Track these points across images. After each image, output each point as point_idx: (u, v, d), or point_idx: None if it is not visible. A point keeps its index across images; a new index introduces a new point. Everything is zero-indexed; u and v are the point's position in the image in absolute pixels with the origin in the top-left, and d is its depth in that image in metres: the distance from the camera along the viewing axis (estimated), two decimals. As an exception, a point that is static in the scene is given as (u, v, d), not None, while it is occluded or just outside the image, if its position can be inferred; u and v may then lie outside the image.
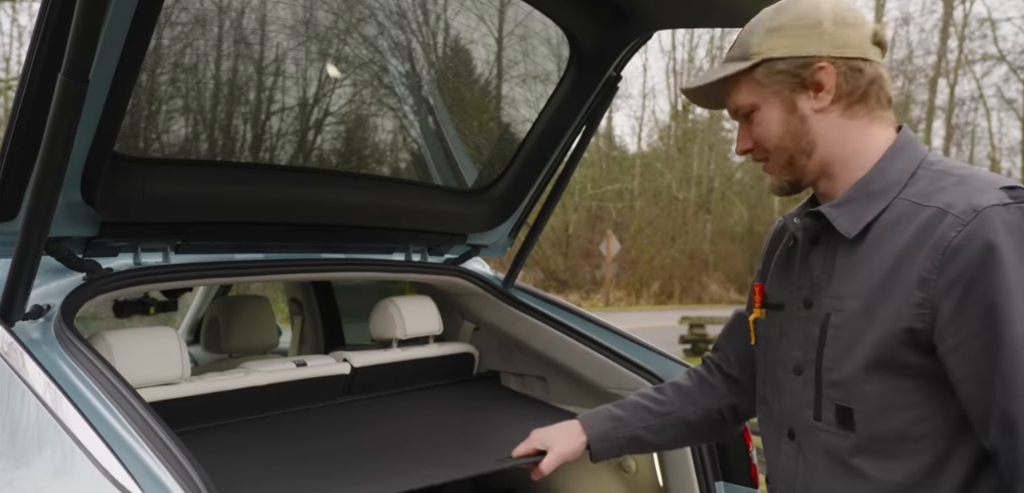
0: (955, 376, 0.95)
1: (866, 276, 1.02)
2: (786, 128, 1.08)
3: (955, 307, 0.93)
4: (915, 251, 0.97)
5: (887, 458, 1.00)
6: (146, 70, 1.45)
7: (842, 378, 1.03)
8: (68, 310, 1.33)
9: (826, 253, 1.10)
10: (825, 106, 1.06)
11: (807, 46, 1.05)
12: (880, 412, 1.00)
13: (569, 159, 2.09)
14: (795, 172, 1.11)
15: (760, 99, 1.09)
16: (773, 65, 1.06)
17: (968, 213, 0.93)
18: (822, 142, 1.07)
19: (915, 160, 1.05)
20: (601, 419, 1.41)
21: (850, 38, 1.05)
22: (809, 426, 1.09)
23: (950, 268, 0.93)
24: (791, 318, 1.14)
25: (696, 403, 1.38)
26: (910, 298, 0.96)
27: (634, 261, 21.59)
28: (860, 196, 1.05)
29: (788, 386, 1.13)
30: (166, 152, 1.60)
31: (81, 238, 1.48)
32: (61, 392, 1.10)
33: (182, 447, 1.02)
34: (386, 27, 1.78)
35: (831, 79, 1.05)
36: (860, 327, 1.02)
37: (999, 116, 24.33)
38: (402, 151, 2.12)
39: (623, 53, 1.87)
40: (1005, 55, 20.48)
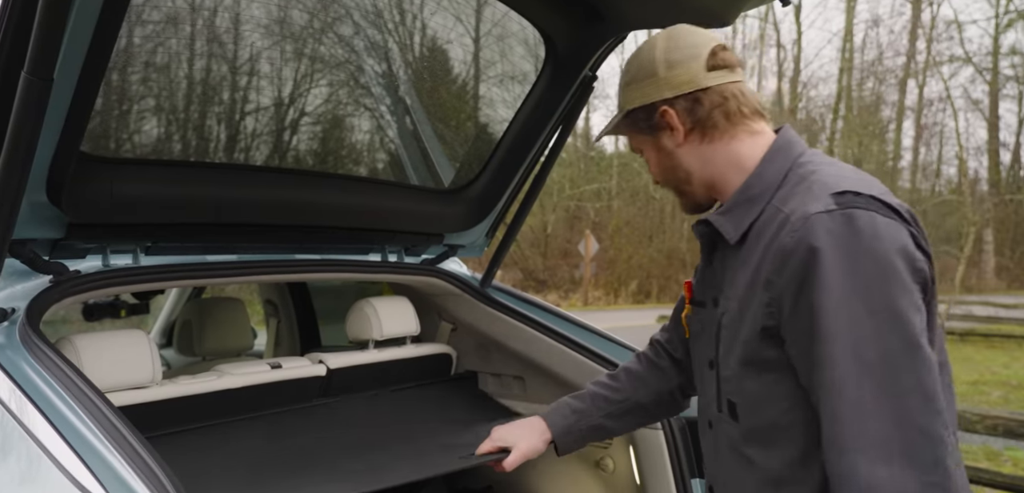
0: (797, 369, 1.02)
1: (741, 278, 1.10)
2: (661, 165, 1.20)
3: (790, 307, 1.00)
4: (767, 254, 1.04)
5: (766, 446, 1.08)
6: (116, 69, 1.42)
7: (729, 374, 1.13)
8: (33, 313, 1.30)
9: (722, 256, 1.18)
10: (681, 141, 1.16)
11: (650, 94, 1.16)
12: (755, 404, 1.08)
13: (546, 159, 2.10)
14: (689, 197, 1.21)
15: (638, 143, 1.22)
16: (633, 115, 1.18)
17: (799, 220, 1.00)
18: (694, 169, 1.17)
19: (788, 161, 1.11)
20: (563, 414, 1.47)
21: (680, 77, 1.14)
22: (717, 417, 1.18)
23: (785, 270, 1.00)
24: (706, 316, 1.23)
25: (649, 387, 1.46)
26: (762, 298, 1.04)
27: (612, 261, 21.72)
28: (742, 201, 1.13)
29: (704, 378, 1.23)
30: (137, 152, 1.58)
31: (47, 240, 1.44)
32: (26, 398, 1.08)
33: (152, 451, 1.00)
34: (362, 27, 1.77)
35: (674, 118, 1.15)
36: (737, 327, 1.10)
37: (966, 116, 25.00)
38: (379, 151, 2.11)
39: (598, 53, 1.89)
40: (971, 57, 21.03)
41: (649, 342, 1.51)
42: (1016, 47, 21.73)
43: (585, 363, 1.98)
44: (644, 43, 1.21)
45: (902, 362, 0.93)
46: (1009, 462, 5.14)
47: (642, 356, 1.50)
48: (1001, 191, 21.17)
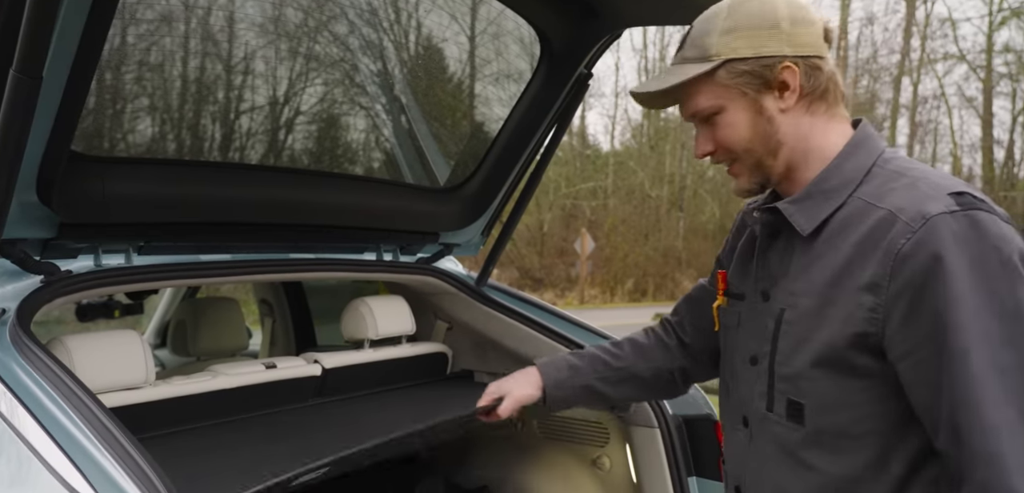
0: (906, 380, 0.96)
1: (819, 274, 1.03)
2: (755, 130, 1.07)
3: (904, 315, 0.94)
4: (866, 253, 0.98)
5: (832, 451, 1.02)
6: (109, 67, 1.41)
7: (792, 373, 1.05)
8: (24, 314, 1.29)
9: (784, 248, 1.11)
10: (790, 106, 1.06)
11: (768, 46, 1.04)
12: (827, 408, 1.02)
13: (541, 157, 2.09)
14: (763, 173, 1.10)
15: (725, 101, 1.07)
16: (735, 66, 1.05)
17: (917, 220, 0.94)
18: (788, 142, 1.07)
19: (871, 157, 1.06)
20: (558, 367, 1.43)
21: (807, 36, 1.05)
22: (762, 416, 1.11)
23: (901, 275, 0.94)
24: (750, 309, 1.16)
25: (650, 361, 1.41)
26: (862, 302, 0.97)
27: (608, 259, 21.73)
28: (817, 193, 1.06)
29: (743, 375, 1.16)
30: (130, 151, 1.56)
31: (38, 240, 1.43)
32: (16, 399, 1.07)
33: (144, 453, 0.99)
34: (357, 25, 1.76)
35: (796, 78, 1.04)
36: (811, 324, 1.03)
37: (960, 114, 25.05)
38: (374, 150, 2.10)
39: (593, 51, 1.88)
40: (965, 54, 21.10)
41: (660, 321, 1.45)
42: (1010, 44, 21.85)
43: (581, 362, 1.97)
44: None
45: None
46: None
47: (649, 331, 1.45)
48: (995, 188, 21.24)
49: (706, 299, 1.34)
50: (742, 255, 1.22)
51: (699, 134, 1.13)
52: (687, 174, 23.74)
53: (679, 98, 1.12)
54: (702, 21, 1.09)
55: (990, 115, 21.19)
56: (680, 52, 1.10)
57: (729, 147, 1.09)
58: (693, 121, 1.13)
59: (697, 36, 1.08)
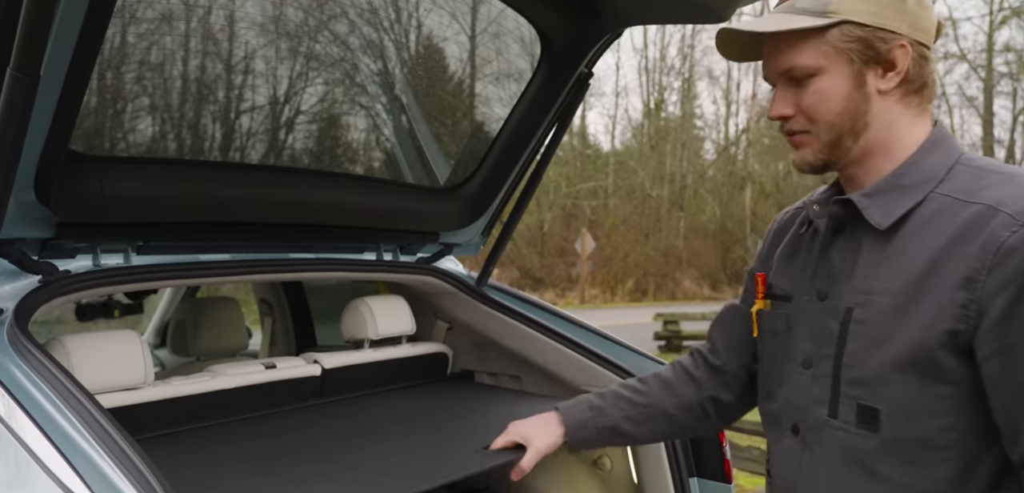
0: (992, 380, 0.92)
1: (898, 272, 0.97)
2: (847, 104, 0.99)
3: (1004, 310, 0.89)
4: (958, 248, 0.92)
5: (910, 463, 0.96)
6: (108, 67, 1.40)
7: (867, 377, 0.98)
8: (22, 314, 1.28)
9: (849, 245, 1.04)
10: (890, 88, 0.99)
11: (890, 18, 0.97)
12: (908, 416, 0.96)
13: (542, 156, 2.09)
14: (837, 152, 1.02)
15: (828, 64, 0.98)
16: (852, 29, 0.96)
17: (1023, 214, 0.89)
18: (875, 125, 1.00)
19: (952, 156, 1.00)
20: (580, 409, 1.36)
21: (926, 21, 0.99)
22: (821, 423, 1.04)
23: (1002, 269, 0.89)
24: (801, 310, 1.09)
25: (677, 395, 1.32)
26: (953, 298, 0.92)
27: (609, 259, 21.73)
28: (892, 188, 1.00)
29: (794, 380, 1.09)
30: (129, 151, 1.56)
31: (36, 239, 1.42)
32: (14, 400, 1.06)
33: (142, 454, 0.98)
34: (357, 25, 1.75)
35: (905, 60, 0.98)
36: (890, 325, 0.96)
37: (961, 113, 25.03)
38: (374, 149, 2.09)
39: (594, 50, 1.87)
40: (966, 54, 21.08)
41: (689, 352, 1.36)
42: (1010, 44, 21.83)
43: (581, 361, 1.97)
44: None
45: None
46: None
47: (677, 364, 1.36)
48: (996, 188, 21.27)
49: (738, 317, 1.28)
50: (788, 254, 1.15)
51: (780, 94, 1.04)
52: (688, 174, 23.74)
53: (773, 50, 1.02)
54: None
55: (991, 115, 21.19)
56: (789, 1, 1.01)
57: (814, 115, 1.01)
58: (778, 80, 1.04)
59: None
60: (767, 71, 1.05)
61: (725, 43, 1.06)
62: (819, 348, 1.05)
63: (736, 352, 1.28)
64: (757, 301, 1.17)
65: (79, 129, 1.33)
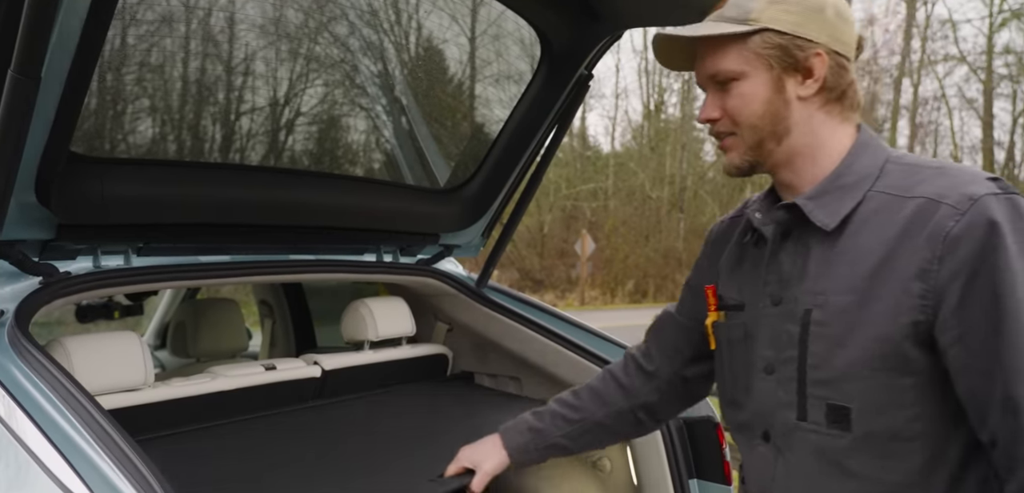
0: (956, 366, 0.94)
1: (851, 269, 1.00)
2: (768, 107, 1.04)
3: (959, 296, 0.92)
4: (907, 242, 0.96)
5: (882, 456, 0.98)
6: (109, 69, 1.40)
7: (833, 376, 1.00)
8: (23, 315, 1.28)
9: (797, 248, 1.07)
10: (809, 95, 1.04)
11: (808, 28, 1.02)
12: (878, 410, 0.98)
13: (542, 158, 2.09)
14: (760, 155, 1.07)
15: (749, 69, 1.03)
16: (771, 37, 1.02)
17: (964, 202, 0.93)
18: (796, 131, 1.05)
19: (881, 156, 1.05)
20: (520, 432, 1.42)
21: (845, 34, 1.04)
22: (791, 427, 1.05)
23: (952, 258, 0.92)
24: (756, 318, 1.11)
25: (609, 406, 1.38)
26: (910, 289, 0.95)
27: (609, 260, 21.72)
28: (833, 189, 1.04)
29: (759, 387, 1.10)
30: (130, 152, 1.56)
31: (37, 241, 1.43)
32: (14, 402, 1.06)
33: (143, 455, 0.98)
34: (357, 26, 1.76)
35: (823, 68, 1.03)
36: (851, 322, 0.99)
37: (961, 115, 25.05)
38: (374, 151, 2.09)
39: (594, 52, 1.88)
40: (965, 56, 21.08)
41: (623, 355, 1.42)
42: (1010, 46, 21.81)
43: (581, 363, 1.97)
44: None
45: None
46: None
47: (607, 372, 1.42)
48: (996, 190, 21.25)
49: (673, 325, 1.33)
50: (733, 264, 1.18)
51: (709, 98, 1.09)
52: (687, 175, 23.74)
53: (701, 56, 1.07)
54: None
55: (991, 117, 21.18)
56: (717, 9, 1.07)
57: (737, 118, 1.06)
58: (707, 84, 1.09)
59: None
60: (698, 76, 1.10)
61: (661, 50, 1.11)
62: (780, 352, 1.07)
63: (669, 359, 1.34)
64: (710, 313, 1.19)
65: (79, 131, 1.33)
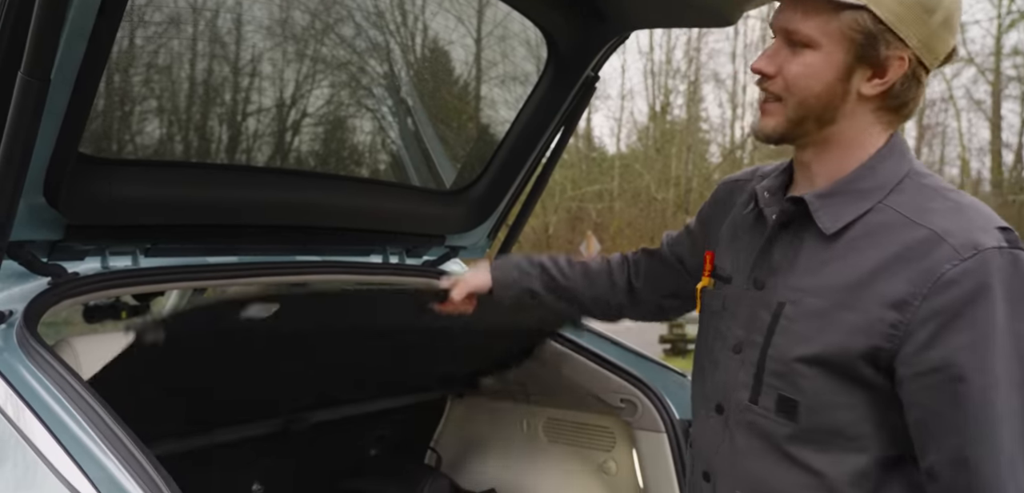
0: (908, 399, 0.94)
1: (834, 276, 0.99)
2: (827, 90, 0.97)
3: (930, 336, 0.91)
4: (899, 268, 0.94)
5: (823, 450, 1.00)
6: (117, 70, 1.41)
7: (787, 370, 1.01)
8: (31, 316, 1.29)
9: (792, 240, 1.05)
10: (869, 95, 0.97)
11: (907, 26, 0.93)
12: (824, 408, 0.99)
13: (548, 160, 2.09)
14: (798, 131, 1.01)
15: (825, 42, 0.95)
16: (866, 20, 0.93)
17: (967, 249, 0.91)
18: (842, 124, 0.99)
19: (904, 167, 1.01)
20: (508, 268, 1.48)
21: (941, 45, 0.96)
22: (743, 407, 1.06)
23: (937, 298, 0.91)
24: (737, 295, 1.11)
25: (593, 292, 1.45)
26: (884, 317, 0.93)
27: (614, 261, 21.72)
28: (847, 191, 1.00)
29: (724, 362, 1.10)
30: (137, 153, 1.57)
31: (45, 241, 1.43)
32: (23, 402, 1.06)
33: (150, 456, 0.99)
34: (364, 28, 1.76)
35: (898, 74, 0.95)
36: (817, 325, 0.99)
37: (969, 117, 24.90)
38: (380, 152, 2.10)
39: (601, 53, 1.87)
40: (973, 57, 20.96)
41: (622, 256, 1.47)
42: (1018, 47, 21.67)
43: (589, 367, 1.97)
44: None
45: None
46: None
47: (606, 262, 1.47)
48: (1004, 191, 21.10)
49: (661, 260, 1.39)
50: (732, 234, 1.16)
51: (772, 51, 1.01)
52: (693, 177, 23.69)
53: (789, 4, 0.99)
54: None
55: (999, 118, 21.06)
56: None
57: (791, 86, 0.98)
58: (778, 34, 1.01)
59: None
60: (775, 19, 1.01)
61: None
62: (750, 335, 1.07)
63: (653, 289, 1.41)
64: (703, 278, 1.20)
65: (87, 132, 1.34)
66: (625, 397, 1.93)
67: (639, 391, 1.91)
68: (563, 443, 2.14)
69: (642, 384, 1.91)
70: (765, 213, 1.09)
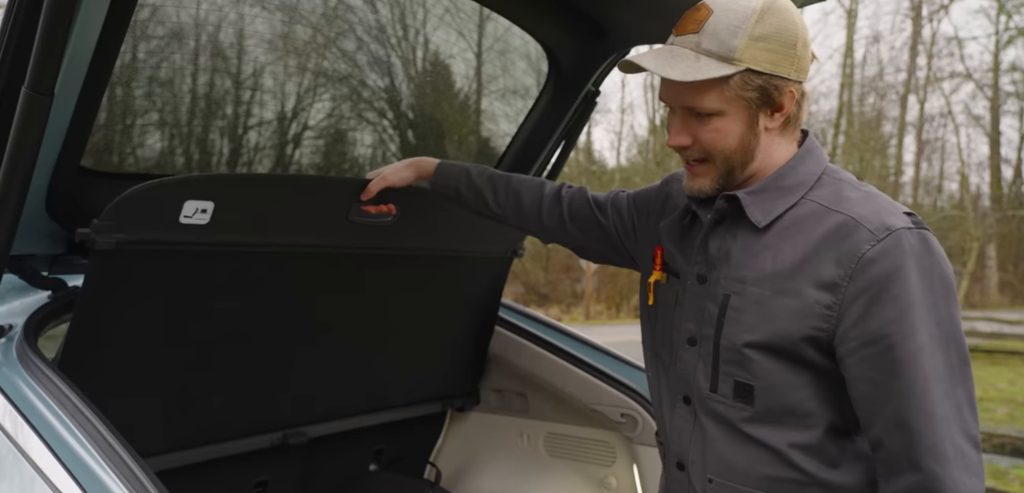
0: (851, 375, 1.02)
1: (770, 265, 1.07)
2: (742, 141, 1.08)
3: (860, 313, 1.00)
4: (825, 253, 1.03)
5: (777, 427, 1.08)
6: (121, 84, 1.41)
7: (741, 358, 1.08)
8: (31, 330, 1.29)
9: (726, 235, 1.13)
10: (776, 126, 1.09)
11: (784, 66, 1.06)
12: (776, 389, 1.07)
13: (549, 173, 2.09)
14: (729, 180, 1.11)
15: (728, 107, 1.06)
16: (752, 77, 1.05)
17: (882, 230, 1.00)
18: (759, 155, 1.10)
19: (820, 165, 1.11)
20: (450, 177, 1.51)
21: (807, 61, 1.08)
22: (705, 396, 1.13)
23: (861, 277, 1.00)
24: (686, 289, 1.17)
25: (520, 219, 1.48)
26: (819, 299, 1.02)
27: (614, 274, 21.66)
28: (773, 188, 1.10)
29: (682, 354, 1.17)
30: (140, 167, 1.57)
31: (47, 255, 1.43)
32: (21, 417, 1.06)
33: (148, 471, 0.98)
34: (365, 42, 1.77)
35: (791, 104, 1.08)
36: (761, 313, 1.06)
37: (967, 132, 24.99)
38: (381, 166, 2.10)
39: (601, 69, 1.88)
40: (972, 73, 21.04)
41: (558, 190, 1.45)
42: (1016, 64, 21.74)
43: (589, 380, 1.96)
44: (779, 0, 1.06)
45: (964, 373, 1.00)
46: (1016, 481, 5.09)
47: (538, 194, 1.46)
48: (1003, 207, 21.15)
49: (606, 226, 1.39)
50: (673, 233, 1.23)
51: (678, 123, 1.11)
52: (693, 190, 23.69)
53: (679, 85, 1.07)
54: (729, 13, 1.04)
55: (997, 133, 21.13)
56: (694, 36, 1.06)
57: (710, 150, 1.09)
58: (678, 109, 1.11)
59: (722, 29, 1.04)
60: (667, 97, 1.11)
61: (625, 65, 1.13)
62: (701, 328, 1.14)
63: (582, 232, 1.42)
64: (655, 271, 1.25)
65: (90, 145, 1.34)
66: (625, 412, 1.92)
67: (639, 406, 1.90)
68: (563, 458, 2.13)
69: (642, 399, 1.90)
70: (699, 214, 1.16)
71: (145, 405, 1.45)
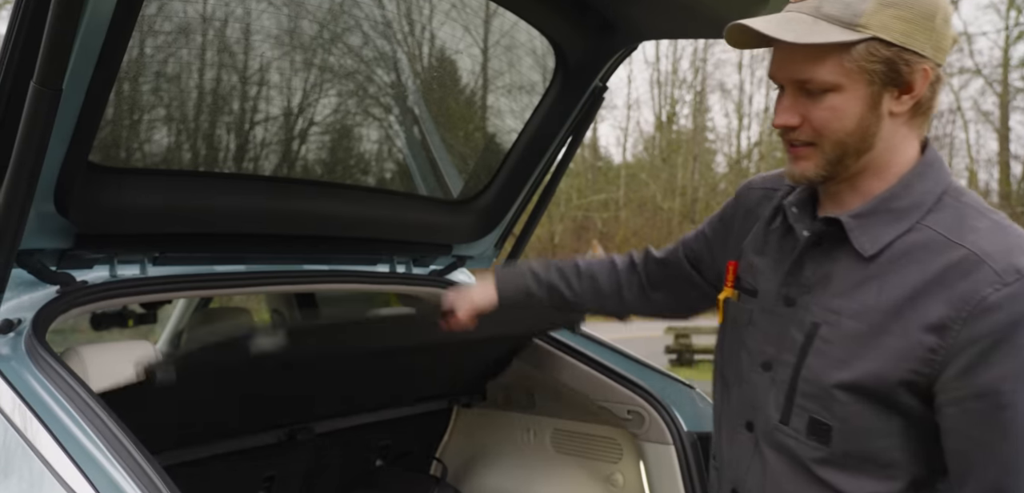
0: (947, 426, 0.92)
1: (873, 299, 0.95)
2: (861, 124, 0.93)
3: (971, 362, 0.88)
4: (938, 291, 0.90)
5: (855, 474, 0.97)
6: (128, 79, 1.42)
7: (823, 393, 0.97)
8: (40, 324, 1.29)
9: (825, 257, 1.00)
10: (902, 111, 0.94)
11: (918, 39, 0.90)
12: (858, 434, 0.96)
13: (555, 169, 2.09)
14: (838, 169, 0.96)
15: (847, 82, 0.91)
16: (879, 49, 0.89)
17: (1010, 273, 0.87)
18: (878, 146, 0.95)
19: (941, 183, 0.97)
20: (517, 287, 1.44)
21: (947, 42, 0.93)
22: (772, 427, 1.03)
23: (978, 323, 0.87)
24: (765, 310, 1.07)
25: (600, 302, 1.41)
26: (923, 341, 0.90)
27: (619, 271, 21.68)
28: (883, 210, 0.96)
29: (752, 378, 1.07)
30: (146, 162, 1.57)
31: (55, 250, 1.44)
32: (30, 411, 1.06)
33: (157, 466, 0.98)
34: (371, 37, 1.76)
35: (924, 85, 0.92)
36: (856, 350, 0.95)
37: (976, 128, 24.81)
38: (387, 161, 2.10)
39: (609, 64, 1.87)
40: (981, 69, 20.89)
41: (630, 260, 1.39)
42: (1026, 59, 21.59)
43: (595, 377, 1.96)
44: None
45: None
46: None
47: (614, 269, 1.39)
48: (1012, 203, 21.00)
49: (683, 271, 1.31)
50: (756, 248, 1.12)
51: (788, 101, 0.97)
52: (699, 186, 23.66)
53: (789, 54, 0.94)
54: None
55: (1007, 129, 20.97)
56: (819, 4, 0.92)
57: (822, 131, 0.94)
58: (788, 85, 0.97)
59: None
60: (777, 73, 0.97)
61: (733, 34, 0.99)
62: (780, 354, 1.03)
63: (671, 297, 1.36)
64: (726, 288, 1.14)
65: (97, 140, 1.34)
66: (632, 408, 1.92)
67: (646, 403, 1.90)
68: (569, 454, 2.13)
69: (649, 395, 1.90)
70: (796, 229, 1.04)
71: (152, 404, 1.46)
